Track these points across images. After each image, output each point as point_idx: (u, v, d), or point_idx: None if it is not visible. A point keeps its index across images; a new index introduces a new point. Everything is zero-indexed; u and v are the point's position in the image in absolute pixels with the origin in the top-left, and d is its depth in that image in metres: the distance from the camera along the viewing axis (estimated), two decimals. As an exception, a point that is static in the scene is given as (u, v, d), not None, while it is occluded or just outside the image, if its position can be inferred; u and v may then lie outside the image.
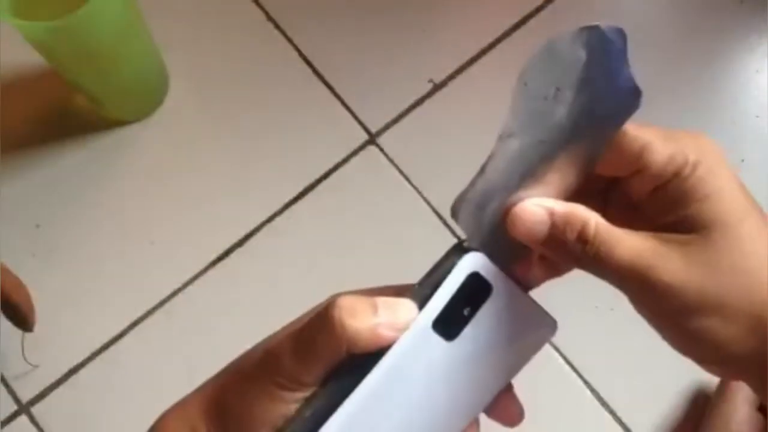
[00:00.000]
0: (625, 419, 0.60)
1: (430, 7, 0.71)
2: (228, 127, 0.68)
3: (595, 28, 0.30)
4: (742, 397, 0.55)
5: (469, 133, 0.68)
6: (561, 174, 0.31)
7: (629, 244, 0.29)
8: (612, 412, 0.61)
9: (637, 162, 0.30)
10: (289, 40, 0.70)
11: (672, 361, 0.32)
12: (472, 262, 0.30)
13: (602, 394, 0.61)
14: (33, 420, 0.61)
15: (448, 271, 0.30)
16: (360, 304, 0.29)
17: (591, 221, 0.29)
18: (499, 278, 0.30)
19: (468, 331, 0.30)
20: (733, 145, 0.67)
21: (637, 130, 0.30)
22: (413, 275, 0.68)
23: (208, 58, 0.70)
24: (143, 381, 0.62)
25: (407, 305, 0.30)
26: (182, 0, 0.71)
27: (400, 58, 0.70)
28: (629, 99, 0.30)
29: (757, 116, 0.68)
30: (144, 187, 0.67)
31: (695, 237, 0.29)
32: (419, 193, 0.66)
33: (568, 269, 0.32)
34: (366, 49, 0.70)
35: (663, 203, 0.30)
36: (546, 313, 0.31)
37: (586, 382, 0.61)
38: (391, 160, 0.67)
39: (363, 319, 0.28)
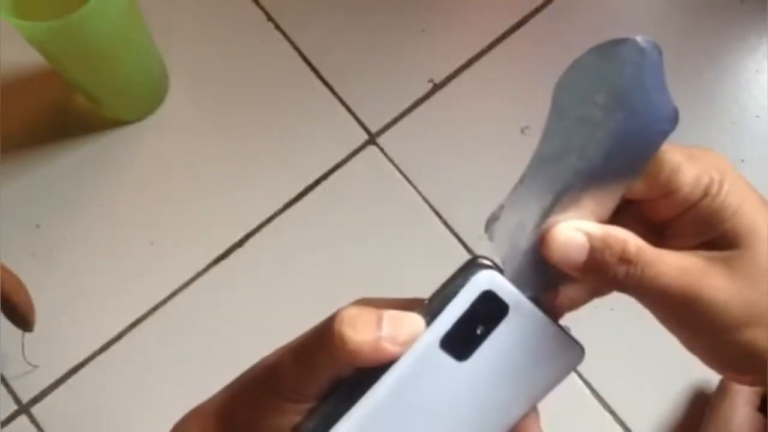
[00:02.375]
0: (625, 419, 0.60)
1: (430, 6, 0.71)
2: (228, 127, 0.68)
3: (632, 41, 0.28)
4: (742, 398, 0.55)
5: (469, 133, 0.68)
6: (597, 195, 0.30)
7: (674, 263, 0.29)
8: (612, 412, 0.61)
9: (668, 185, 0.29)
10: (289, 40, 0.70)
11: (672, 361, 0.32)
12: (487, 279, 0.29)
13: (602, 394, 0.61)
14: (33, 420, 0.61)
15: (460, 287, 0.28)
16: (363, 316, 0.27)
17: (631, 242, 0.29)
18: (517, 298, 0.29)
19: (481, 352, 0.28)
20: (733, 145, 0.67)
21: (668, 152, 0.30)
22: (413, 275, 0.68)
23: (208, 58, 0.70)
24: (143, 381, 0.62)
25: (414, 319, 0.28)
26: (182, 1, 0.71)
27: (400, 58, 0.70)
28: (667, 116, 0.29)
29: (757, 116, 0.68)
30: (144, 187, 0.67)
31: (734, 252, 0.29)
32: (419, 193, 0.66)
33: (600, 294, 0.31)
34: (366, 49, 0.70)
35: (693, 225, 0.30)
36: (570, 338, 0.30)
37: (586, 382, 0.61)
38: (391, 160, 0.67)
39: (364, 332, 0.27)
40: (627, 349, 0.61)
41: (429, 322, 0.28)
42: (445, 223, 0.66)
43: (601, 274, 0.29)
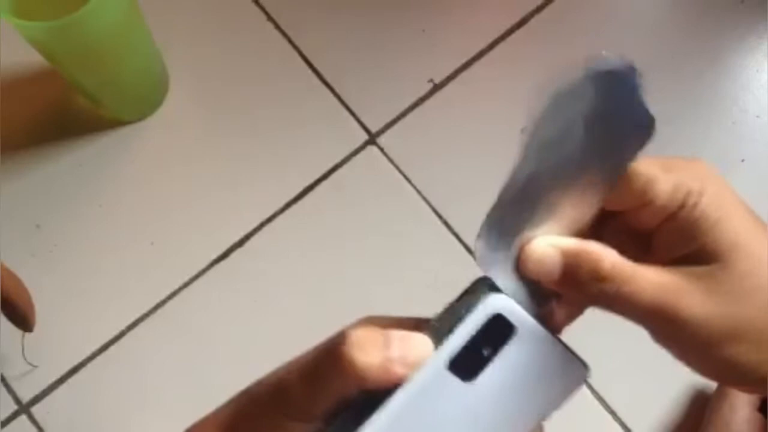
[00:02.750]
0: (625, 419, 0.60)
1: (430, 7, 0.71)
2: (228, 127, 0.68)
3: (603, 61, 0.29)
4: (742, 398, 0.55)
5: (469, 133, 0.68)
6: (574, 207, 0.29)
7: (650, 279, 0.28)
8: (612, 412, 0.61)
9: (643, 196, 0.29)
10: (289, 40, 0.70)
11: (672, 361, 0.32)
12: (497, 303, 0.29)
13: (602, 394, 0.61)
14: (33, 420, 0.61)
15: (469, 310, 0.28)
16: (371, 337, 0.27)
17: (605, 258, 0.28)
18: (525, 320, 0.29)
19: (488, 373, 0.28)
20: (733, 145, 0.67)
21: (639, 164, 0.29)
22: (413, 275, 0.68)
23: (208, 58, 0.70)
24: (143, 381, 0.62)
25: (422, 341, 0.28)
26: (182, 0, 0.71)
27: (400, 58, 0.70)
28: (643, 129, 0.29)
29: (758, 116, 0.68)
30: (144, 187, 0.67)
31: (713, 267, 0.28)
32: (419, 193, 0.66)
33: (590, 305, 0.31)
34: (366, 49, 0.70)
35: (673, 236, 0.29)
36: (576, 358, 0.29)
37: (586, 382, 0.61)
38: (391, 160, 0.67)
39: (373, 354, 0.26)
40: (627, 350, 0.61)
41: (437, 344, 0.28)
42: (446, 223, 0.66)
43: (576, 290, 0.29)
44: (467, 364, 0.28)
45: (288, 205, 0.66)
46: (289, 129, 0.68)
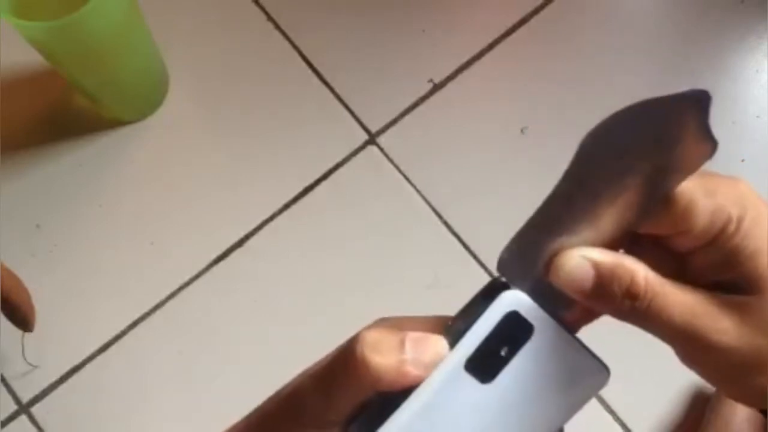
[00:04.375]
0: (625, 419, 0.60)
1: (430, 7, 0.71)
2: (228, 127, 0.68)
3: (680, 97, 0.28)
4: (742, 398, 0.55)
5: (469, 133, 0.68)
6: (612, 219, 0.28)
7: (683, 301, 0.27)
8: (612, 412, 0.61)
9: (681, 222, 0.28)
10: (289, 40, 0.70)
11: (672, 361, 0.32)
12: (511, 300, 0.28)
13: (602, 394, 0.61)
14: (33, 420, 0.61)
15: (484, 308, 0.28)
16: (385, 338, 0.26)
17: (640, 274, 0.27)
18: (542, 319, 0.28)
19: (506, 374, 0.27)
20: (733, 145, 0.67)
21: (680, 186, 0.28)
22: (413, 275, 0.68)
23: (208, 58, 0.70)
24: (143, 381, 0.62)
25: (438, 342, 0.27)
26: (182, 0, 0.71)
27: (400, 58, 0.70)
28: (707, 153, 0.28)
29: (758, 116, 0.68)
30: (144, 187, 0.67)
31: (748, 299, 0.28)
32: (419, 193, 0.66)
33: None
34: (366, 49, 0.70)
35: (709, 262, 0.28)
36: (595, 359, 0.29)
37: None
38: (391, 160, 0.67)
39: (388, 355, 0.26)
40: (627, 350, 0.61)
41: (453, 344, 0.27)
42: (445, 224, 0.66)
43: (606, 304, 0.28)
44: (485, 364, 0.27)
45: (288, 205, 0.66)
46: (289, 129, 0.68)
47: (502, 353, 0.28)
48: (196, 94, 0.69)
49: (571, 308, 0.29)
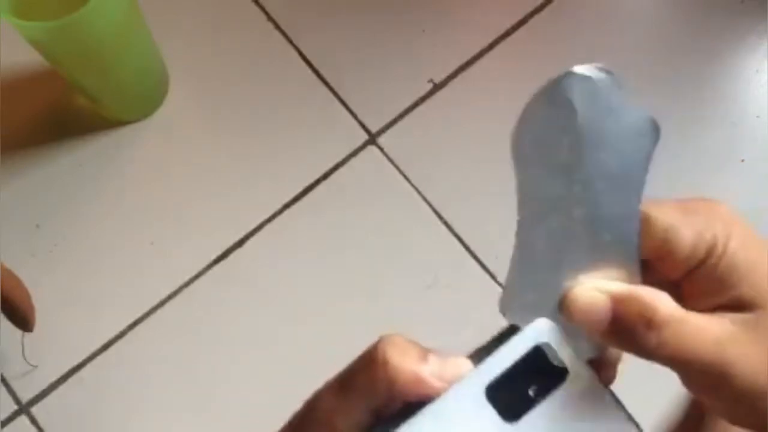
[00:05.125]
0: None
1: (430, 7, 0.71)
2: (228, 127, 0.68)
3: (571, 74, 0.26)
4: (742, 398, 0.55)
5: (469, 133, 0.68)
6: (608, 245, 0.27)
7: (709, 329, 0.26)
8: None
9: (663, 248, 0.27)
10: (289, 40, 0.70)
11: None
12: (543, 330, 0.26)
13: (602, 394, 0.61)
14: (33, 420, 0.61)
15: (513, 334, 0.26)
16: (411, 345, 0.25)
17: (662, 305, 0.26)
18: (575, 363, 0.26)
19: (533, 418, 0.25)
20: (733, 145, 0.67)
21: (657, 210, 0.27)
22: (413, 275, 0.68)
23: (208, 58, 0.70)
24: (143, 381, 0.62)
25: (462, 361, 0.26)
26: (182, 0, 0.71)
27: (400, 58, 0.70)
28: (644, 133, 0.26)
29: (758, 116, 0.68)
30: (144, 187, 0.67)
31: (757, 314, 0.26)
32: (419, 193, 0.66)
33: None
34: (366, 49, 0.70)
35: (704, 286, 0.27)
36: (631, 420, 0.27)
37: None
38: (391, 160, 0.67)
39: (408, 360, 0.25)
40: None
41: (476, 366, 0.26)
42: (446, 223, 0.66)
43: (627, 339, 0.26)
44: (509, 398, 0.25)
45: (288, 205, 0.66)
46: (289, 129, 0.68)
47: (530, 393, 0.25)
48: (196, 94, 0.69)
49: (596, 352, 0.27)
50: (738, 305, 0.27)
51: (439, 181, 0.67)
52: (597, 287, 0.26)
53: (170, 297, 0.64)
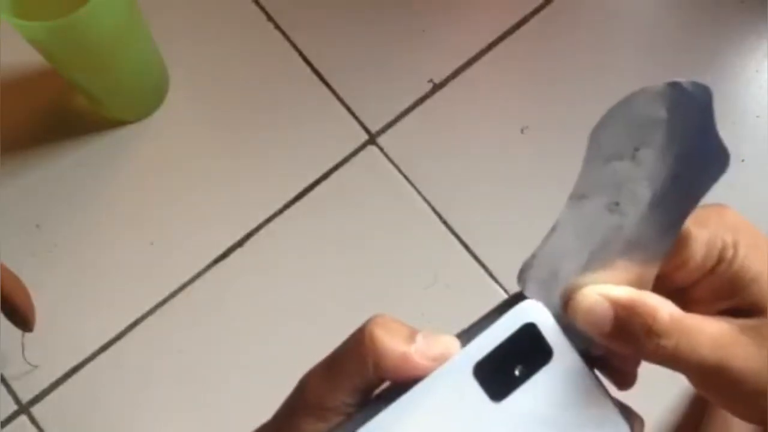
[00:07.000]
0: (625, 419, 0.60)
1: (430, 7, 0.71)
2: (228, 127, 0.68)
3: (678, 84, 0.26)
4: (742, 398, 0.55)
5: (469, 133, 0.68)
6: (636, 250, 0.27)
7: (710, 334, 0.27)
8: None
9: (678, 256, 0.27)
10: (289, 40, 0.70)
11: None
12: (531, 311, 0.26)
13: (602, 394, 0.61)
14: (33, 420, 0.61)
15: (502, 314, 0.26)
16: (398, 325, 0.26)
17: (663, 311, 0.26)
18: (562, 344, 0.26)
19: (518, 397, 0.26)
20: (733, 145, 0.67)
21: None
22: (412, 275, 0.68)
23: (209, 58, 0.70)
24: (143, 381, 0.62)
25: (449, 339, 0.26)
26: (182, 1, 0.71)
27: (400, 58, 0.70)
28: (717, 161, 0.26)
29: (758, 116, 0.68)
30: (144, 187, 0.67)
31: (761, 321, 0.27)
32: (419, 193, 0.66)
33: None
34: (366, 49, 0.70)
35: (713, 291, 0.28)
36: (617, 408, 0.27)
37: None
38: (391, 160, 0.67)
39: (396, 340, 0.25)
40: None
41: (464, 345, 0.26)
42: (445, 223, 0.66)
43: (629, 345, 0.27)
44: (496, 377, 0.26)
45: (288, 205, 0.66)
46: (289, 129, 0.68)
47: (516, 372, 0.26)
48: (195, 94, 0.69)
49: (596, 350, 0.27)
50: (745, 309, 0.27)
51: (439, 181, 0.67)
52: (600, 291, 0.27)
53: (170, 297, 0.64)
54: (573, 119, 0.66)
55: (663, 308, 0.27)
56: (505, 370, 0.26)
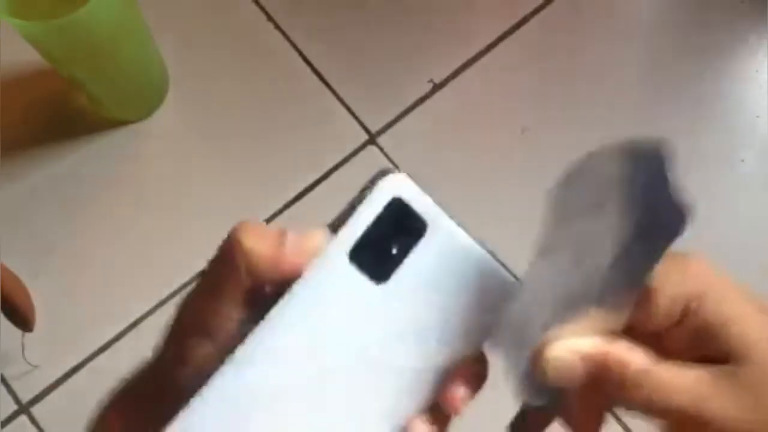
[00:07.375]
0: (625, 419, 0.60)
1: (430, 7, 0.71)
2: (228, 127, 0.68)
3: (635, 143, 0.26)
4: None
5: (468, 133, 0.68)
6: (604, 302, 0.27)
7: (685, 383, 0.26)
8: (612, 412, 0.61)
9: (643, 309, 0.27)
10: (289, 40, 0.70)
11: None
12: (395, 186, 0.25)
13: (602, 394, 0.61)
14: (33, 420, 0.61)
15: (367, 194, 0.26)
16: (264, 228, 0.25)
17: (632, 363, 0.26)
18: (434, 213, 0.26)
19: (400, 276, 0.25)
20: (733, 145, 0.67)
21: None
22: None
23: (208, 58, 0.70)
24: (143, 381, 0.62)
25: (317, 232, 0.25)
26: (182, 1, 0.71)
27: (400, 58, 0.70)
28: (677, 217, 0.26)
29: (758, 116, 0.68)
30: (144, 187, 0.67)
31: (735, 367, 0.27)
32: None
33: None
34: (366, 49, 0.70)
35: (683, 341, 0.28)
36: (501, 269, 0.26)
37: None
38: (391, 160, 0.67)
39: (266, 243, 0.25)
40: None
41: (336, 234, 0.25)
42: (445, 223, 0.65)
43: (602, 395, 0.27)
44: (374, 258, 0.25)
45: (288, 205, 0.66)
46: (289, 129, 0.68)
47: (394, 250, 0.25)
48: (195, 95, 0.69)
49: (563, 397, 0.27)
50: (717, 357, 0.27)
51: (439, 181, 0.66)
52: (570, 347, 0.26)
53: (170, 297, 0.64)
54: (573, 119, 0.66)
55: (634, 359, 0.26)
56: (381, 250, 0.25)
